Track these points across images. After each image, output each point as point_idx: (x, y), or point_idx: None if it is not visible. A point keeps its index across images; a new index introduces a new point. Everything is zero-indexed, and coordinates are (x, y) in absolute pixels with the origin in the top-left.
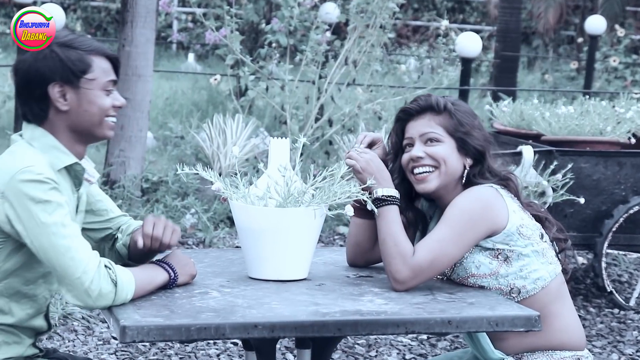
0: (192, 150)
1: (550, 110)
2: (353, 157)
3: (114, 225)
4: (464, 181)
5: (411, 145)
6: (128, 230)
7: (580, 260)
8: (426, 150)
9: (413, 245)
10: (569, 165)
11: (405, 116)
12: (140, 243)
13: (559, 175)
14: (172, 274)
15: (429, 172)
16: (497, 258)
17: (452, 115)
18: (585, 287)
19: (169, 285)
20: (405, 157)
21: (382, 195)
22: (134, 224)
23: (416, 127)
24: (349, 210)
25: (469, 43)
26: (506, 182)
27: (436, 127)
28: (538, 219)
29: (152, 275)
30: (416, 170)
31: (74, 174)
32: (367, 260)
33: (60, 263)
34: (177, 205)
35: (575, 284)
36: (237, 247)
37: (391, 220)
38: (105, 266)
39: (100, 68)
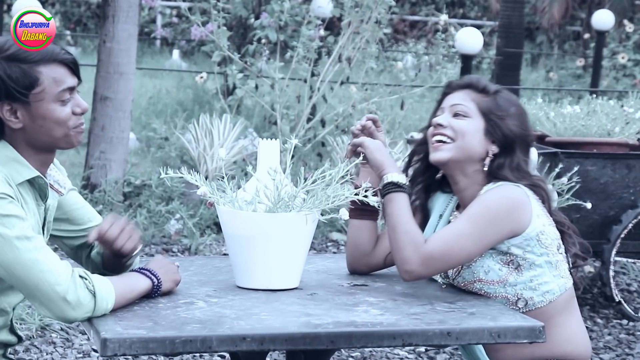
0: (177, 152)
1: (555, 110)
2: (363, 140)
3: None
4: (486, 168)
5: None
6: None
7: (587, 268)
8: (450, 122)
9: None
10: (575, 168)
11: (447, 89)
12: (90, 237)
13: (564, 179)
14: (155, 280)
15: (445, 142)
16: (508, 265)
17: (490, 96)
18: (592, 296)
19: (153, 293)
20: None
21: (395, 181)
22: None
23: (451, 99)
24: (344, 215)
25: (469, 39)
26: (535, 188)
27: (469, 102)
28: (560, 230)
29: (133, 283)
30: (434, 138)
31: (38, 187)
32: (368, 264)
33: (29, 277)
34: (161, 211)
35: (581, 293)
36: (224, 254)
37: (402, 206)
38: (80, 276)
39: (50, 78)
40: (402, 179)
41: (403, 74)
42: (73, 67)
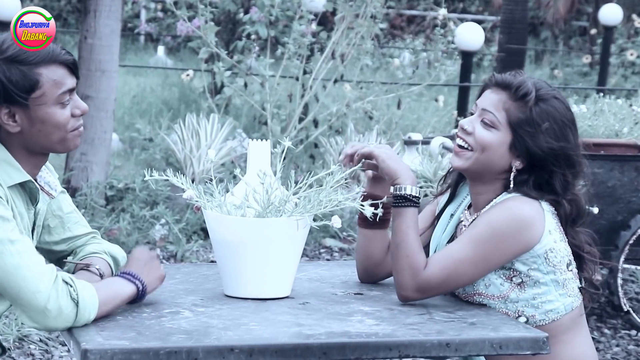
0: (162, 154)
1: None
2: (372, 147)
3: (74, 244)
4: (511, 185)
5: (473, 114)
6: (81, 253)
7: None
8: (476, 128)
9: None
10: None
11: (487, 83)
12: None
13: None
14: (140, 285)
15: (466, 149)
16: (511, 281)
17: (526, 107)
18: (599, 306)
19: (138, 298)
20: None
21: (409, 195)
22: (90, 247)
23: (485, 100)
24: (336, 222)
25: (469, 35)
26: (557, 205)
27: (501, 111)
28: (576, 254)
29: (117, 289)
30: (457, 140)
31: (29, 191)
32: (380, 274)
33: (10, 283)
34: (146, 215)
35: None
36: (212, 261)
37: (409, 224)
38: (65, 282)
39: (51, 81)
40: (415, 191)
41: (400, 71)
42: (73, 68)
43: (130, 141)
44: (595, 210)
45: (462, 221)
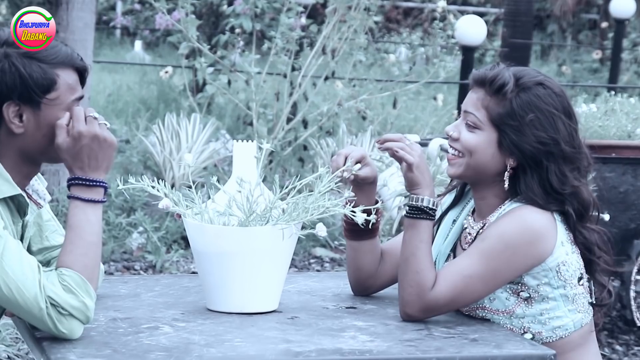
0: (139, 157)
1: None
2: (405, 150)
3: (50, 255)
4: (505, 186)
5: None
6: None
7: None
8: (461, 133)
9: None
10: (591, 175)
11: (470, 83)
12: None
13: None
14: (102, 187)
15: (456, 156)
16: (518, 295)
17: (506, 99)
18: (610, 320)
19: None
20: None
21: (426, 207)
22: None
23: (466, 101)
24: (321, 230)
25: (471, 28)
26: (565, 215)
27: (480, 110)
28: (587, 259)
29: (87, 234)
30: (449, 150)
31: (17, 203)
32: (373, 285)
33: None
34: (122, 223)
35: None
36: (193, 272)
37: (423, 238)
38: (52, 304)
39: (66, 85)
40: (433, 203)
41: (396, 68)
42: (83, 76)
43: None
44: (607, 217)
45: (465, 228)
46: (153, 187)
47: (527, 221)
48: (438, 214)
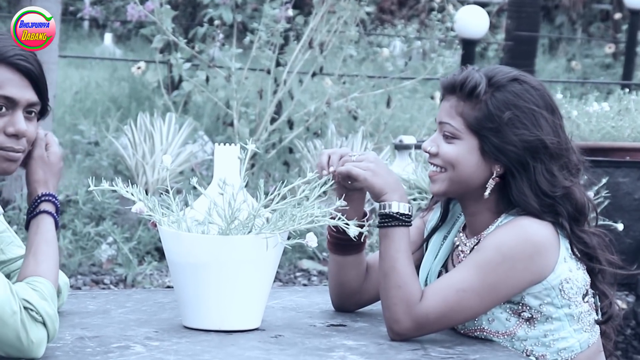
0: (109, 161)
1: (579, 108)
2: (359, 166)
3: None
4: (486, 193)
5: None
6: (15, 278)
7: (619, 304)
8: (440, 146)
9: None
10: (603, 181)
11: (441, 91)
12: None
13: (590, 194)
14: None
15: (438, 172)
16: (519, 316)
17: (480, 102)
18: (624, 339)
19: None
20: None
21: (396, 213)
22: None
23: (441, 111)
24: (311, 241)
25: (471, 20)
26: (561, 228)
27: (456, 118)
28: (590, 270)
29: (46, 248)
30: (430, 167)
31: None
32: (358, 302)
33: None
34: (90, 233)
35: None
36: (168, 287)
37: (399, 247)
38: (25, 308)
39: None
40: (404, 208)
41: (390, 63)
42: (29, 79)
43: (72, 145)
44: (620, 226)
45: (457, 245)
46: (127, 191)
47: (528, 232)
48: (426, 229)
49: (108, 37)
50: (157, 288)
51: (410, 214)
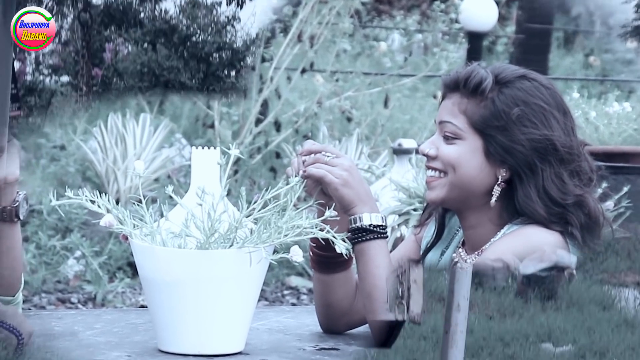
0: (77, 166)
1: (598, 109)
2: (323, 167)
3: None
4: (492, 201)
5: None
6: None
7: None
8: (440, 148)
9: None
10: (625, 189)
11: (442, 90)
12: None
13: (609, 202)
14: (17, 334)
15: (437, 177)
16: None
17: (486, 98)
18: None
19: (17, 349)
20: None
21: (369, 225)
22: None
23: (441, 110)
24: (296, 255)
25: (478, 11)
26: (572, 237)
27: (458, 116)
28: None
29: None
30: (427, 172)
31: None
32: (348, 323)
33: None
34: (56, 246)
35: None
36: (142, 306)
37: (378, 263)
38: None
39: None
40: (378, 219)
41: (388, 58)
42: None
43: (35, 149)
44: None
45: (457, 262)
46: (93, 202)
47: (534, 241)
48: (423, 245)
49: None
50: (130, 307)
51: (384, 224)
